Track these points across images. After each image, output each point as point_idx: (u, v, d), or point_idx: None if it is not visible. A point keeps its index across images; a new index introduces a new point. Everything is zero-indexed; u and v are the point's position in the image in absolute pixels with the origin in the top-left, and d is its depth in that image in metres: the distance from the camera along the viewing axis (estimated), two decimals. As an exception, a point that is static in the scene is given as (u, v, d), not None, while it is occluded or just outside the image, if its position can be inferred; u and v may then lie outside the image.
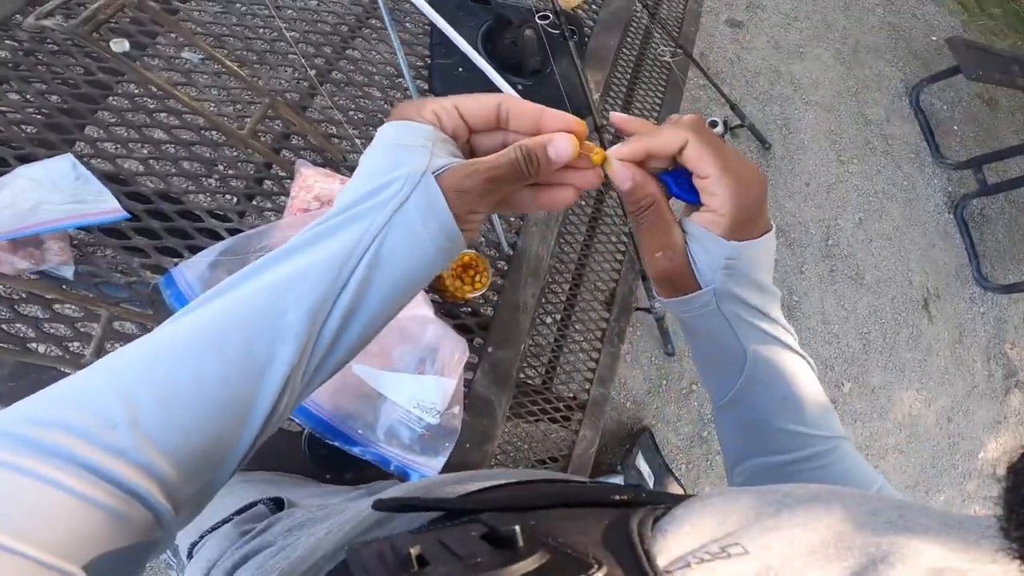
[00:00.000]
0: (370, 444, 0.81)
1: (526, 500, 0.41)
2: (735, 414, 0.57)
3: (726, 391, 0.56)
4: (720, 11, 3.23)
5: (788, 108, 3.29)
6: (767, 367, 0.53)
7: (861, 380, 3.08)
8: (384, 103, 1.07)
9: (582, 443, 1.63)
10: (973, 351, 3.56)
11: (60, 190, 0.72)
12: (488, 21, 1.18)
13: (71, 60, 0.86)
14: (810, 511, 0.34)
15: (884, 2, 4.07)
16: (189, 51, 0.92)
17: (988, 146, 4.04)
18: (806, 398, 0.55)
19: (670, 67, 2.01)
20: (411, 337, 0.86)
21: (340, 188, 0.91)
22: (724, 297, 0.50)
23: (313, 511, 0.72)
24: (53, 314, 0.80)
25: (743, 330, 0.52)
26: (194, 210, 0.89)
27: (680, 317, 0.55)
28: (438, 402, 0.84)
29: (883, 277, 3.31)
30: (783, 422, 0.54)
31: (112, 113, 0.86)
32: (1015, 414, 3.63)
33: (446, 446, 0.86)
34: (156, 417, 0.34)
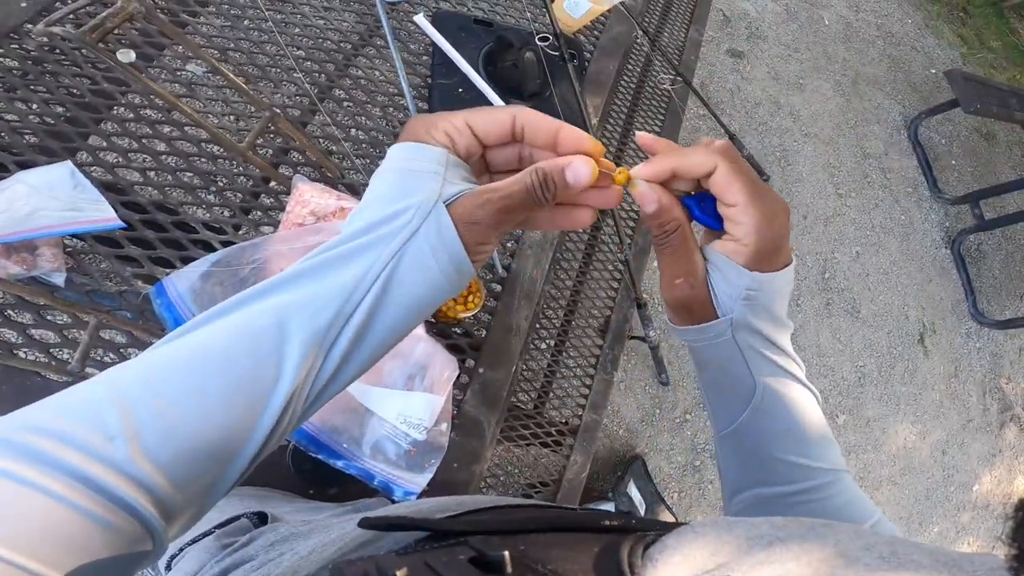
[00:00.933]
0: (354, 458, 0.80)
1: (515, 524, 0.40)
2: (738, 443, 0.56)
3: (731, 421, 0.55)
4: (721, 41, 3.27)
5: (787, 140, 3.32)
6: (775, 399, 0.52)
7: (856, 412, 3.07)
8: (384, 122, 1.08)
9: (573, 468, 1.61)
10: (968, 385, 3.55)
11: (57, 197, 0.72)
12: (489, 43, 1.19)
13: (77, 70, 0.87)
14: (803, 545, 0.34)
15: (884, 34, 4.13)
16: (194, 64, 0.92)
17: (985, 181, 4.08)
18: (810, 430, 0.54)
19: (670, 95, 2.03)
20: (401, 354, 0.86)
21: (335, 204, 0.91)
22: (740, 327, 0.49)
23: (296, 526, 0.71)
24: (41, 320, 0.80)
25: (755, 361, 0.51)
26: (190, 222, 0.89)
27: (691, 345, 0.53)
28: (425, 418, 0.84)
29: (879, 311, 3.32)
30: (785, 453, 0.53)
31: (114, 123, 0.87)
32: (1010, 448, 3.62)
33: (432, 463, 0.85)
34: (154, 431, 0.34)
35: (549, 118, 0.44)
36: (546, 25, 1.33)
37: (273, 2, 1.06)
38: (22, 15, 0.89)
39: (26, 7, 0.89)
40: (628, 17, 1.48)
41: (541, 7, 1.33)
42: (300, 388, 0.38)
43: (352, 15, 1.12)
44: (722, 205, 0.46)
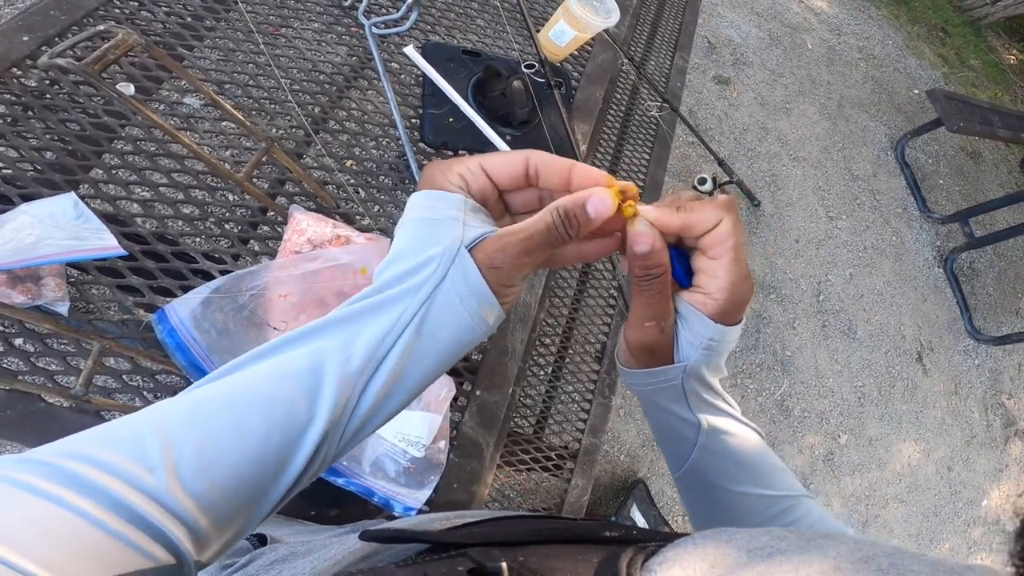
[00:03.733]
0: (354, 476, 0.81)
1: (515, 536, 0.41)
2: (693, 482, 0.57)
3: (682, 462, 0.56)
4: (708, 68, 3.35)
5: (776, 164, 3.37)
6: (719, 437, 0.54)
7: (858, 432, 3.06)
8: (377, 151, 1.11)
9: (574, 491, 1.61)
10: (970, 402, 3.55)
11: (61, 227, 0.74)
12: (478, 73, 1.23)
13: (77, 104, 0.90)
14: (803, 556, 0.34)
15: (866, 56, 4.22)
16: (191, 97, 0.96)
17: (973, 199, 4.14)
18: (760, 462, 0.55)
19: (658, 122, 2.08)
20: (399, 374, 0.87)
21: (331, 232, 0.93)
22: (691, 376, 0.51)
23: (296, 547, 0.71)
24: (46, 349, 0.81)
25: (696, 403, 0.52)
26: (189, 252, 0.91)
27: (637, 389, 0.55)
28: (423, 436, 0.85)
29: (875, 331, 3.34)
30: (742, 486, 0.54)
31: (115, 156, 0.89)
32: (1016, 463, 3.61)
33: (431, 479, 0.86)
34: (193, 465, 0.35)
35: (561, 158, 0.45)
36: (532, 54, 1.38)
37: (266, 36, 1.10)
38: (23, 49, 0.92)
39: (28, 41, 0.92)
40: (612, 45, 1.53)
41: (528, 38, 1.37)
42: (333, 429, 0.39)
43: (344, 48, 1.16)
44: (703, 258, 0.48)
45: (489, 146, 1.19)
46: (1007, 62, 5.24)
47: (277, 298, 0.85)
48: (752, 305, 2.95)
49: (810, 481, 2.82)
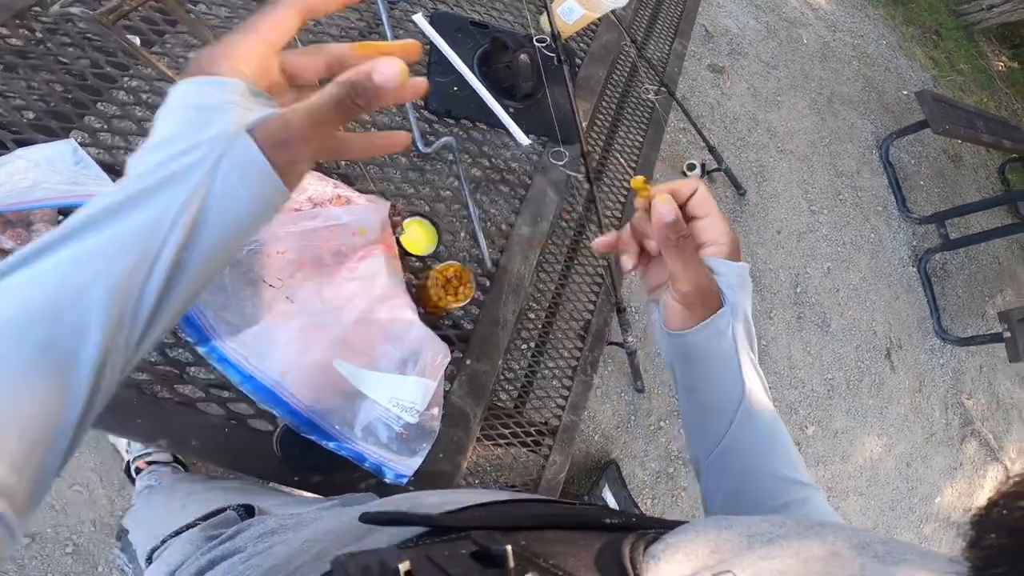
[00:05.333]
0: (346, 440, 0.81)
1: (517, 519, 0.41)
2: (725, 464, 0.59)
3: (717, 438, 0.59)
4: (703, 56, 3.34)
5: (764, 155, 3.40)
6: (759, 407, 0.57)
7: (825, 424, 3.14)
8: (380, 115, 1.10)
9: (551, 468, 1.63)
10: (932, 400, 3.65)
11: (58, 172, 0.73)
12: (485, 45, 1.22)
13: (80, 53, 0.87)
14: (802, 542, 0.35)
15: (859, 55, 4.24)
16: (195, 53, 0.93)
17: (951, 201, 4.21)
18: (788, 440, 0.59)
19: (653, 105, 2.08)
20: (395, 338, 0.87)
21: (332, 191, 0.93)
22: (737, 313, 0.56)
23: (285, 519, 0.71)
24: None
25: (744, 363, 0.57)
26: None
27: (691, 352, 0.58)
28: (418, 401, 0.85)
29: (848, 326, 3.40)
30: (774, 466, 0.57)
31: (115, 106, 0.87)
32: (970, 462, 3.73)
33: (423, 446, 0.86)
34: None
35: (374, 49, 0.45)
36: (538, 29, 1.36)
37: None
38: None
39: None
40: (618, 25, 1.52)
41: (535, 12, 1.36)
42: (114, 337, 0.36)
43: (354, 12, 1.14)
44: (698, 221, 0.58)
45: (493, 117, 1.19)
46: (995, 68, 5.31)
47: (275, 254, 0.85)
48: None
49: (776, 468, 2.89)
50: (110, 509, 1.69)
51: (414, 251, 1.06)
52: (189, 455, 0.81)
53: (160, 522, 0.85)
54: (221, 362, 0.78)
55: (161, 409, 0.82)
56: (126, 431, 0.81)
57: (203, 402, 0.86)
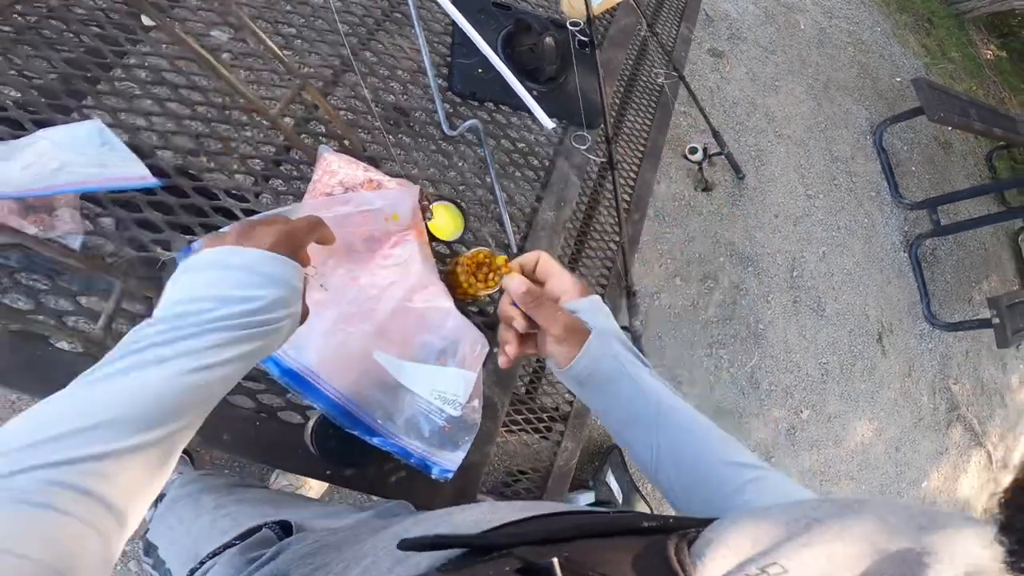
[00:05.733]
0: (390, 435, 0.79)
1: (557, 532, 0.41)
2: (671, 463, 0.65)
3: (651, 444, 0.65)
4: (703, 40, 3.32)
5: (762, 140, 3.39)
6: (671, 405, 0.66)
7: (819, 408, 3.17)
8: (404, 97, 1.06)
9: (563, 454, 1.63)
10: (920, 385, 3.70)
11: (84, 154, 0.69)
12: (508, 26, 1.18)
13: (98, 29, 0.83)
14: (842, 523, 0.35)
15: (855, 41, 4.24)
16: (218, 30, 0.89)
17: (941, 187, 4.25)
18: (720, 431, 0.66)
19: (661, 89, 2.06)
20: (433, 328, 0.85)
21: (363, 175, 0.89)
22: (606, 334, 0.67)
23: (324, 536, 0.70)
24: (54, 286, 0.76)
25: (635, 372, 0.66)
26: (211, 188, 0.86)
27: (584, 379, 0.67)
28: (460, 394, 0.83)
29: (842, 310, 3.43)
30: (722, 454, 0.63)
31: (137, 85, 0.83)
32: (956, 446, 3.79)
33: (466, 439, 0.84)
34: None
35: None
36: (559, 11, 1.33)
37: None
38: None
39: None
40: (635, 9, 1.49)
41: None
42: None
43: (378, -10, 1.10)
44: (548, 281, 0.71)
45: (517, 100, 1.16)
46: (984, 57, 5.34)
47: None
48: (731, 276, 3.00)
49: (772, 455, 2.91)
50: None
51: (441, 236, 1.03)
52: (220, 450, 0.79)
53: (192, 539, 0.84)
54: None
55: (192, 402, 0.80)
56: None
57: (233, 395, 0.83)
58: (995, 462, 4.01)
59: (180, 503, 0.97)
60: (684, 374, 2.73)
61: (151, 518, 1.05)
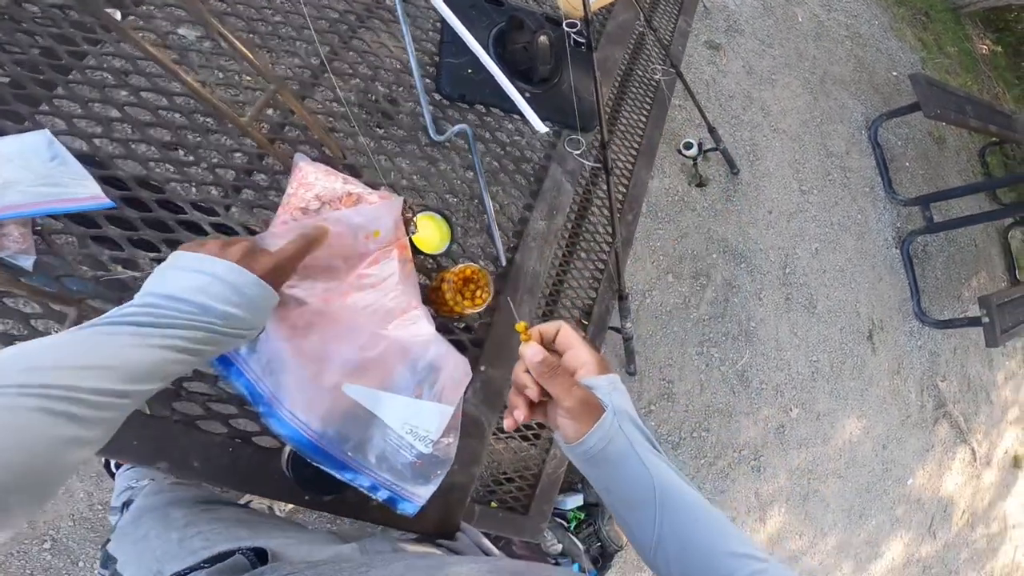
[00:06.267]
0: (361, 469, 0.74)
1: None
2: (671, 549, 0.62)
3: (651, 525, 0.63)
4: (700, 32, 3.24)
5: (757, 134, 3.33)
6: (678, 491, 0.63)
7: (808, 406, 3.15)
8: (389, 101, 1.00)
9: (552, 462, 1.59)
10: (909, 383, 3.70)
11: (33, 170, 0.62)
12: (500, 23, 1.12)
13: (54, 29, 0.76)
14: None
15: (852, 35, 4.18)
16: (186, 28, 0.82)
17: (934, 183, 4.22)
18: (726, 519, 0.64)
19: (658, 84, 1.99)
20: (410, 356, 0.79)
21: (342, 188, 0.83)
22: (621, 415, 0.65)
23: (301, 569, 0.66)
24: (3, 308, 0.70)
25: (644, 454, 0.64)
26: (176, 200, 0.80)
27: (592, 456, 0.65)
28: (432, 430, 0.78)
29: (834, 307, 3.40)
30: (725, 543, 0.61)
31: (94, 88, 0.76)
32: (941, 443, 3.80)
33: (437, 474, 0.79)
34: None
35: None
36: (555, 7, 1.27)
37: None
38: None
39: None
40: (634, 5, 1.43)
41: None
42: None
43: (362, -19, 1.03)
44: (567, 352, 0.69)
45: (508, 102, 1.10)
46: (979, 51, 5.29)
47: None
48: (723, 273, 2.95)
49: (761, 453, 2.89)
50: (88, 503, 1.61)
51: (426, 249, 0.97)
52: (191, 478, 0.74)
53: (155, 557, 0.78)
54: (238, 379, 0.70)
55: (159, 429, 0.74)
56: (122, 454, 0.73)
57: (204, 420, 0.78)
58: (979, 459, 4.03)
59: (148, 515, 0.92)
60: (675, 372, 2.70)
61: (115, 526, 0.99)
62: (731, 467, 2.80)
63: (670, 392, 2.67)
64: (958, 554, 3.80)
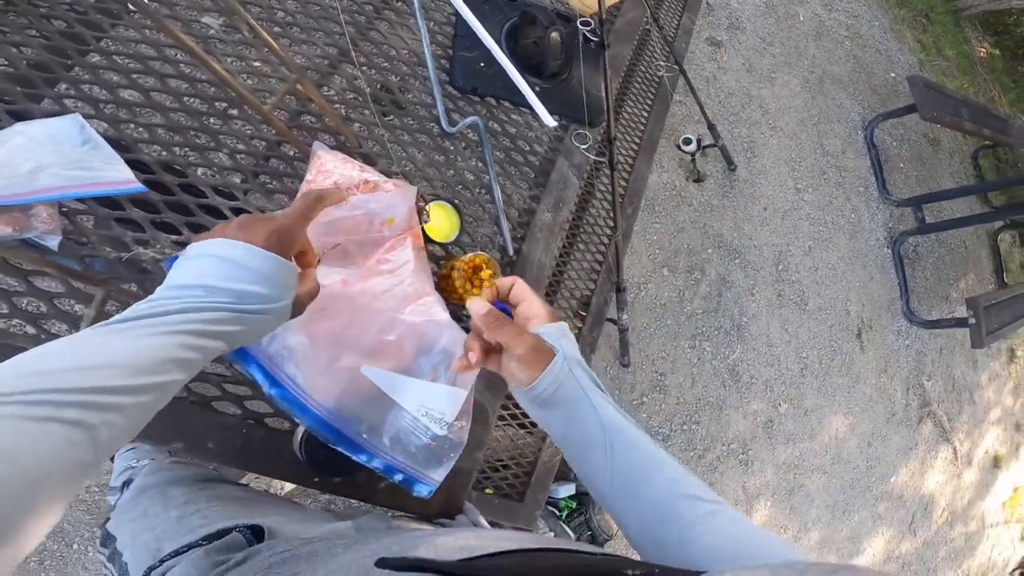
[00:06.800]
0: (376, 451, 0.76)
1: (541, 571, 0.42)
2: (624, 490, 0.65)
3: (604, 468, 0.66)
4: (702, 28, 3.26)
5: (755, 132, 3.36)
6: (626, 432, 0.66)
7: (796, 402, 3.20)
8: (403, 91, 1.02)
9: (548, 450, 1.62)
10: (895, 381, 3.76)
11: (64, 153, 0.64)
12: (513, 18, 1.14)
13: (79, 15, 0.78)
14: None
15: (852, 35, 4.20)
16: (209, 16, 0.84)
17: (927, 185, 4.27)
18: (675, 463, 0.66)
19: (660, 81, 2.02)
20: (426, 340, 0.82)
21: (359, 175, 0.86)
22: (570, 359, 0.69)
23: (296, 546, 0.68)
24: (29, 287, 0.72)
25: (593, 397, 0.68)
26: (198, 184, 0.82)
27: (545, 400, 0.68)
28: (447, 413, 0.81)
29: (825, 304, 3.45)
30: (675, 487, 0.64)
31: (121, 74, 0.78)
32: (924, 442, 3.87)
33: (451, 456, 0.82)
34: None
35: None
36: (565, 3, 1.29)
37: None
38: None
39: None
40: (642, 3, 1.45)
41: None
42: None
43: (377, -28, 1.05)
44: (520, 304, 0.73)
45: (519, 96, 1.12)
46: (977, 54, 5.34)
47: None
48: (718, 268, 2.99)
49: (749, 447, 2.94)
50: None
51: (436, 238, 1.00)
52: (205, 459, 0.76)
53: (155, 535, 0.79)
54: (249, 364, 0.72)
55: (175, 410, 0.76)
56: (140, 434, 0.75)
57: (219, 401, 0.80)
58: (960, 458, 4.11)
59: (147, 493, 0.93)
60: (667, 365, 2.73)
61: (114, 505, 1.00)
62: (720, 460, 2.84)
63: (662, 384, 2.71)
64: (937, 552, 3.88)
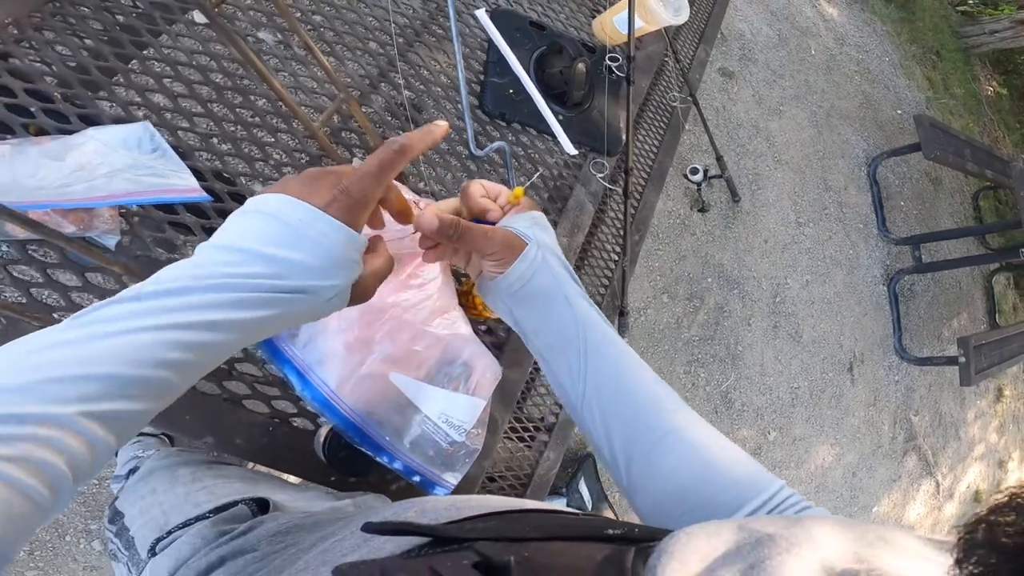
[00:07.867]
0: (398, 454, 0.81)
1: (520, 531, 0.41)
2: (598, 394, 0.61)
3: (578, 370, 0.62)
4: (715, 59, 3.34)
5: (761, 164, 3.43)
6: (600, 329, 0.62)
7: (785, 430, 3.25)
8: (437, 114, 1.08)
9: (544, 464, 1.66)
10: (883, 414, 3.82)
11: (135, 160, 0.69)
12: (542, 47, 1.20)
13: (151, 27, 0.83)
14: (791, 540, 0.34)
15: (862, 70, 4.29)
16: (264, 32, 0.90)
17: (926, 224, 4.34)
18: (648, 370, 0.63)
19: (673, 111, 2.08)
20: (451, 353, 0.87)
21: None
22: (544, 248, 0.62)
23: (299, 518, 0.70)
24: (85, 283, 0.77)
25: (570, 292, 0.62)
26: (245, 193, 0.87)
27: (517, 291, 0.62)
28: (467, 420, 0.86)
29: (818, 338, 3.51)
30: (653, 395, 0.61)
31: (183, 84, 0.83)
32: (908, 475, 3.92)
33: (466, 462, 0.87)
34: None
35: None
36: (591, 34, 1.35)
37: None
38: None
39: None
40: (664, 36, 1.51)
41: (589, 16, 1.34)
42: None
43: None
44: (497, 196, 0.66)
45: (543, 123, 1.18)
46: (985, 93, 5.44)
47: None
48: (716, 297, 3.05)
49: (738, 470, 2.98)
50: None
51: (459, 256, 1.05)
52: (234, 454, 0.80)
53: (163, 510, 0.82)
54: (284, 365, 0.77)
55: (209, 406, 0.81)
56: (173, 427, 0.79)
57: (249, 399, 0.85)
58: (942, 492, 4.16)
59: (155, 474, 0.94)
60: (662, 387, 2.78)
61: (122, 489, 1.03)
62: (708, 482, 2.88)
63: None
64: (915, 583, 3.91)
